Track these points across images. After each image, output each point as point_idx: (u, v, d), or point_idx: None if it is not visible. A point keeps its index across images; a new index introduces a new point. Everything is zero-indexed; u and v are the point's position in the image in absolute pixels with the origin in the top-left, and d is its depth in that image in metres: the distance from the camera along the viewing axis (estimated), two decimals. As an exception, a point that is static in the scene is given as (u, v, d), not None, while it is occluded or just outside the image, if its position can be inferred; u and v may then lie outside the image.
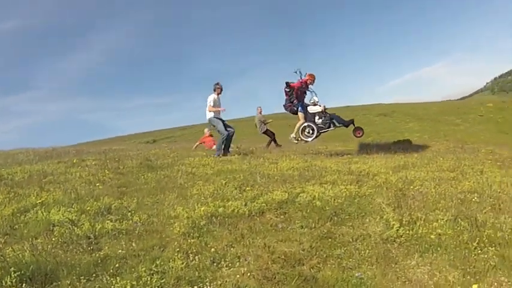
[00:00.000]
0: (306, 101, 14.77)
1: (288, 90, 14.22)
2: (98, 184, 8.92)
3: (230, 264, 4.92)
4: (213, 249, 5.28)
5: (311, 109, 14.65)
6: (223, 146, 13.88)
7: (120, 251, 5.31)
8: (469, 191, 7.80)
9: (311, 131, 14.38)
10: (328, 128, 14.82)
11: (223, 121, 14.05)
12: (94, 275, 4.71)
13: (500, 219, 5.92)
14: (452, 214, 6.20)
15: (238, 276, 4.66)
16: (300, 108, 14.51)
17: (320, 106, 14.65)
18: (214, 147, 20.15)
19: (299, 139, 14.69)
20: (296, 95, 14.25)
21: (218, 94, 14.08)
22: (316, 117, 14.62)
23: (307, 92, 14.66)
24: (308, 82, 14.37)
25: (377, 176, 9.41)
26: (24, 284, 4.37)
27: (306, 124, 14.43)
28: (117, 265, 4.93)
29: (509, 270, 4.53)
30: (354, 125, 15.18)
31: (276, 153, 14.85)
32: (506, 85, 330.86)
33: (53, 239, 5.70)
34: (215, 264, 4.95)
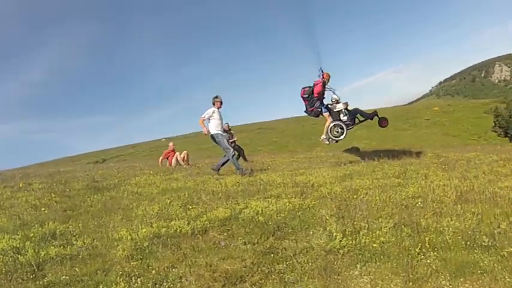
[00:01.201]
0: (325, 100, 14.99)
1: (306, 96, 14.48)
2: (43, 209, 8.89)
3: (172, 285, 4.86)
4: (154, 271, 5.21)
5: (335, 108, 14.87)
6: (237, 160, 13.62)
7: (63, 277, 5.21)
8: (413, 196, 8.03)
9: (340, 130, 14.69)
10: (354, 123, 15.18)
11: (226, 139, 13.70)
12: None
13: (442, 223, 6.07)
14: (396, 221, 6.33)
15: (179, 297, 4.62)
16: (323, 109, 14.75)
17: (342, 103, 14.90)
18: (173, 163, 20.07)
19: (330, 140, 14.90)
20: (318, 97, 14.47)
21: (218, 108, 13.64)
22: (341, 115, 14.85)
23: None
24: (325, 82, 14.57)
25: (322, 187, 9.58)
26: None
27: (333, 124, 14.65)
28: (61, 291, 4.81)
29: (450, 273, 4.63)
30: (378, 116, 15.54)
31: (221, 168, 14.89)
32: (451, 89, 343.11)
33: (-3, 268, 5.56)
34: (157, 286, 4.88)
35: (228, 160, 13.56)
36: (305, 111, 15.07)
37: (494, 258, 4.90)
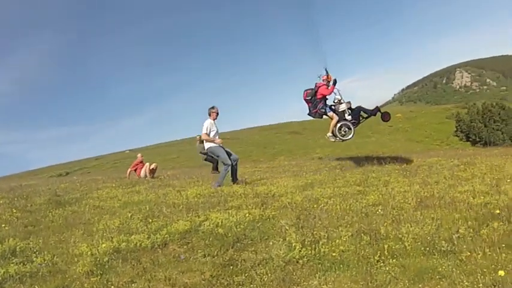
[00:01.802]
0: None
1: (308, 98, 14.95)
2: (4, 225, 8.65)
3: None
4: (113, 287, 5.12)
5: (339, 108, 15.19)
6: (225, 176, 12.99)
7: (23, 295, 5.06)
8: (373, 204, 8.13)
9: (347, 129, 15.18)
10: (359, 121, 15.63)
11: (224, 148, 13.20)
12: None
13: (401, 230, 6.14)
14: (356, 229, 6.38)
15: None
16: (327, 110, 15.12)
17: (345, 103, 15.25)
18: (142, 175, 19.75)
19: (337, 138, 15.26)
20: (321, 98, 14.88)
21: (214, 119, 13.21)
22: (346, 114, 15.16)
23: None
24: (326, 83, 14.96)
25: (283, 197, 9.60)
26: None
27: (340, 124, 14.96)
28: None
29: (409, 279, 4.67)
30: (380, 111, 16.10)
31: (184, 179, 14.81)
32: (413, 95, 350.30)
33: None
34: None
35: (231, 169, 13.22)
36: (308, 114, 15.59)
37: (452, 263, 4.98)
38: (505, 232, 5.89)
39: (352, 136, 15.24)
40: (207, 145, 13.05)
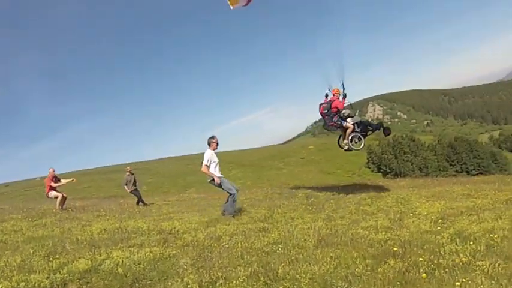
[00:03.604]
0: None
1: (325, 111, 15.68)
2: None
3: None
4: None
5: (351, 120, 15.97)
6: (235, 204, 12.71)
7: None
8: (274, 242, 8.23)
9: (357, 140, 16.21)
10: (366, 134, 16.59)
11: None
12: None
13: (299, 270, 6.24)
14: (254, 269, 6.40)
15: None
16: (342, 122, 15.76)
17: (357, 115, 16.41)
18: (50, 194, 18.83)
19: (350, 148, 16.09)
20: (336, 111, 15.59)
21: (214, 149, 12.86)
22: (356, 126, 16.04)
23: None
24: (337, 96, 15.71)
25: (186, 234, 9.60)
26: None
27: (352, 135, 15.86)
28: None
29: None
30: (383, 126, 17.37)
31: (91, 212, 14.46)
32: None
33: None
34: None
35: (229, 201, 12.81)
36: (324, 127, 16.92)
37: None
38: (400, 270, 6.10)
39: (363, 147, 16.63)
40: (208, 176, 12.70)
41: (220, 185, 12.62)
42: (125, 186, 21.36)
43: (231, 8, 13.79)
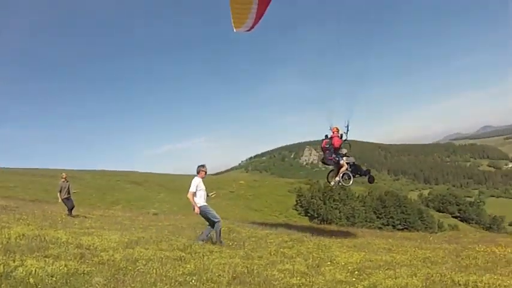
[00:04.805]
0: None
1: (327, 146, 17.06)
2: None
3: None
4: None
5: (347, 159, 17.65)
6: (220, 231, 12.97)
7: None
8: (190, 273, 8.30)
9: (347, 178, 17.56)
10: (355, 175, 17.82)
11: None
12: None
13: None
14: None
15: None
16: (339, 158, 17.43)
17: (352, 157, 17.68)
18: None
19: (340, 184, 17.66)
20: (335, 149, 17.27)
21: (202, 178, 12.97)
22: (348, 166, 17.61)
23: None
24: (337, 134, 17.33)
25: (104, 252, 9.52)
26: None
27: (343, 173, 17.39)
28: None
29: None
30: (370, 174, 18.75)
31: (13, 215, 14.05)
32: (260, 165, 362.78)
33: None
34: None
35: (215, 230, 12.89)
36: (322, 161, 18.09)
37: None
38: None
39: (351, 184, 17.83)
40: (200, 204, 12.73)
41: (205, 214, 12.82)
42: (59, 194, 20.87)
43: (234, 30, 13.93)
